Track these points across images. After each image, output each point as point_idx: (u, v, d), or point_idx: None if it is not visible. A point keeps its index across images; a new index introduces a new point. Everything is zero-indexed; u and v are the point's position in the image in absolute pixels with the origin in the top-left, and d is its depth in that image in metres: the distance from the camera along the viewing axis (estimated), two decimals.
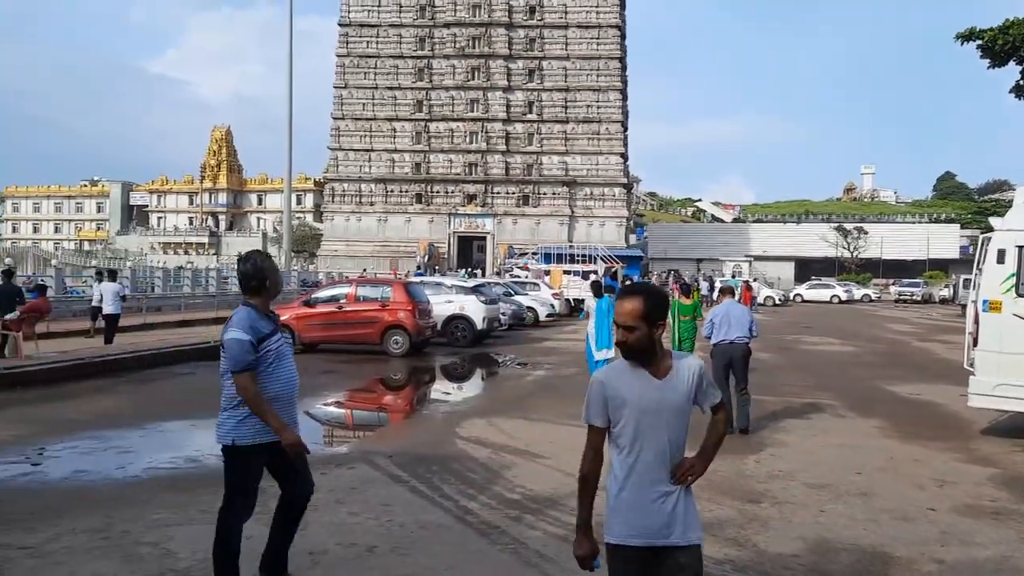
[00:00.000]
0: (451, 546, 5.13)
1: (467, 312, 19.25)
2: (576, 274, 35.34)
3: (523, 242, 58.90)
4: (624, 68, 66.33)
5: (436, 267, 54.37)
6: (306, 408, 11.28)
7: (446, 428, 9.29)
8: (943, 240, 78.72)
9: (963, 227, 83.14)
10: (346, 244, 64.94)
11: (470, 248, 64.80)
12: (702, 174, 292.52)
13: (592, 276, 24.61)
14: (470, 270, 52.38)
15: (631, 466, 2.80)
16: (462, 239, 64.89)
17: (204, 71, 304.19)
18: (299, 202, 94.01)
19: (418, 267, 52.50)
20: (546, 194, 64.21)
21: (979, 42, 32.63)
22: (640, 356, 2.81)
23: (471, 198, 64.74)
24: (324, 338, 16.91)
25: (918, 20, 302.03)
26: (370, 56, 65.48)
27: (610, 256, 44.17)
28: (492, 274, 49.74)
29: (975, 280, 9.34)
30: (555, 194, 64.09)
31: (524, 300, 26.68)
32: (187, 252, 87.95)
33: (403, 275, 38.31)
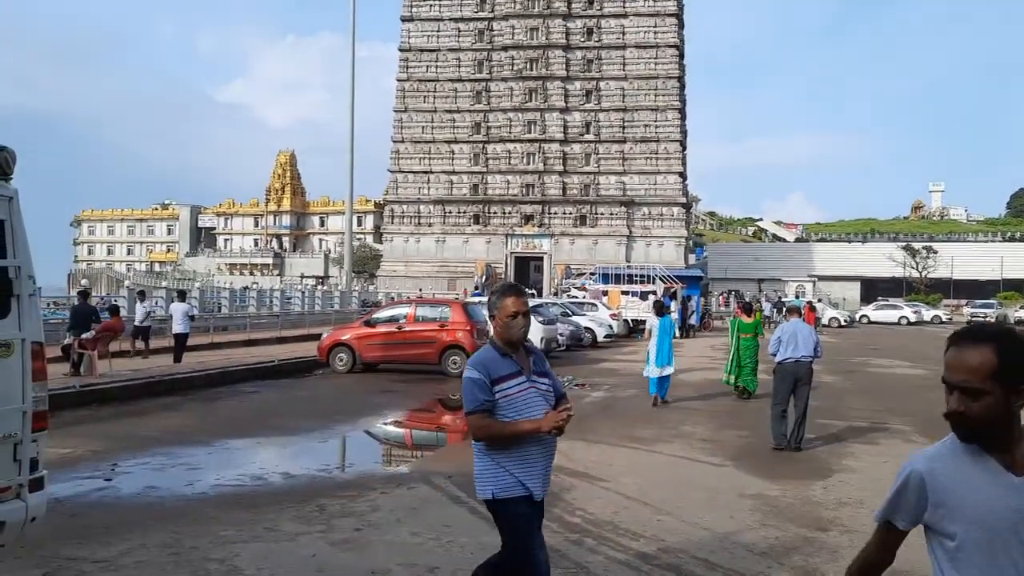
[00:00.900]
0: None
1: None
2: (634, 294, 35.10)
3: (580, 262, 58.73)
4: (683, 87, 65.96)
5: (494, 287, 54.52)
6: (366, 427, 11.43)
7: None
8: (1018, 259, 75.70)
9: None
10: (405, 265, 65.73)
11: (527, 268, 64.88)
12: (763, 193, 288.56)
13: (652, 296, 24.41)
14: (527, 291, 52.37)
15: None
16: (519, 259, 65.03)
17: (269, 97, 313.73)
18: (359, 223, 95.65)
19: (476, 287, 52.78)
20: (603, 214, 64.03)
21: None
22: (988, 437, 1.89)
23: (528, 218, 64.95)
24: (384, 358, 17.11)
25: (987, 35, 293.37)
26: (429, 80, 66.52)
27: (669, 276, 43.70)
28: (549, 294, 49.69)
29: None
30: (612, 214, 63.85)
31: (582, 321, 26.55)
32: (252, 273, 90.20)
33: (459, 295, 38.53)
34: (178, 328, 17.41)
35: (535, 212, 64.69)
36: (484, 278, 58.34)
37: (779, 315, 32.16)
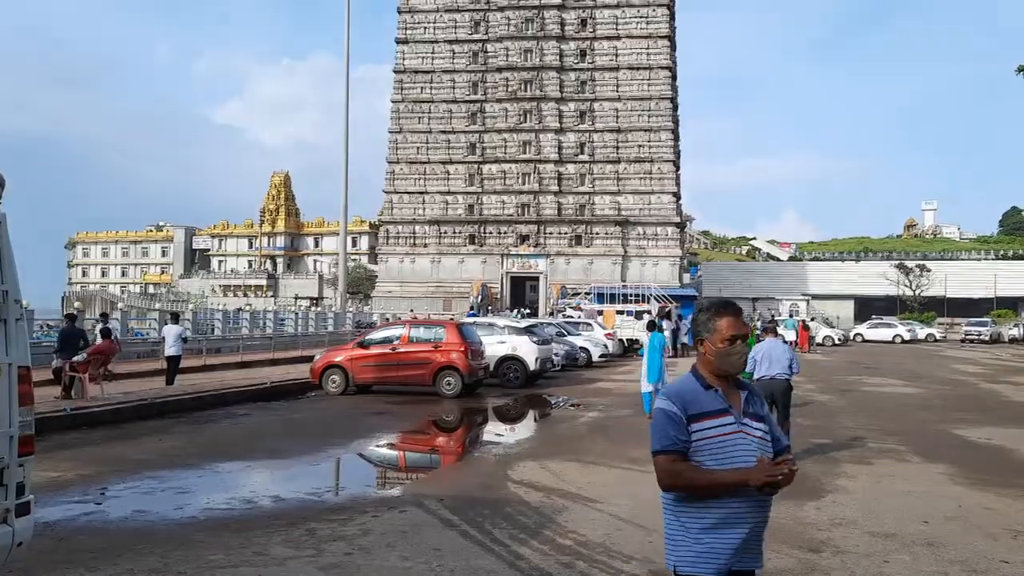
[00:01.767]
0: None
1: (520, 353, 19.23)
2: (629, 314, 35.10)
3: (576, 282, 58.80)
4: (675, 108, 66.43)
5: (489, 307, 54.57)
6: (358, 450, 11.37)
7: (498, 471, 9.24)
8: (1011, 277, 75.94)
9: None
10: (400, 285, 65.71)
11: (523, 288, 64.92)
12: (757, 212, 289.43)
13: (647, 316, 24.44)
14: (522, 310, 52.42)
15: None
16: (515, 279, 65.09)
17: (265, 119, 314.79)
18: (354, 244, 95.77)
19: (471, 308, 52.76)
20: (598, 234, 64.20)
21: None
22: None
23: (524, 239, 65.07)
24: (377, 379, 17.04)
25: (979, 54, 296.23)
26: (424, 101, 66.85)
27: (664, 296, 43.74)
28: (545, 314, 49.67)
29: None
30: (607, 234, 64.04)
31: (577, 340, 26.54)
32: (246, 294, 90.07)
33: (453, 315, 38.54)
34: (171, 351, 17.34)
35: (530, 232, 64.83)
36: (480, 298, 58.36)
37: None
